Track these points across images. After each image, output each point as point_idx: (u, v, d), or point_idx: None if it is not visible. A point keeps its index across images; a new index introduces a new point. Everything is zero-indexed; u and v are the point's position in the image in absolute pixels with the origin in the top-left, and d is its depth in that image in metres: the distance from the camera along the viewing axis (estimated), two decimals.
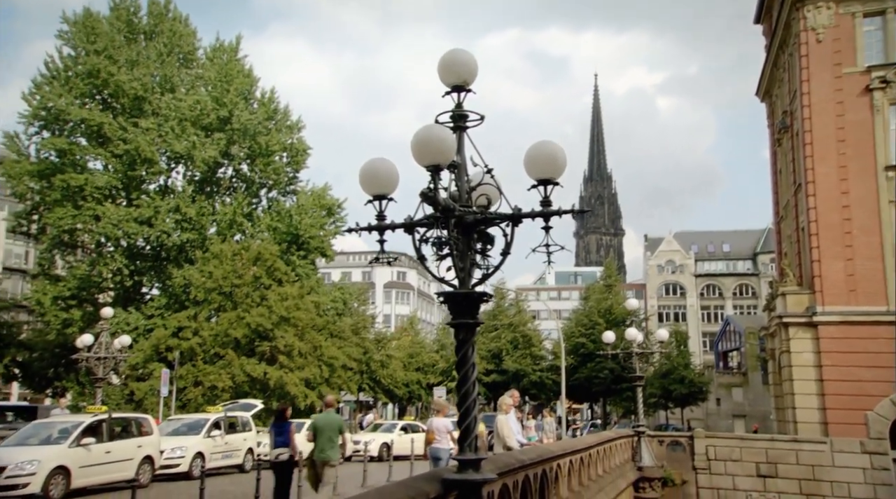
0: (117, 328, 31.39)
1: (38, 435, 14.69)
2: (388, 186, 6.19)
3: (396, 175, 6.18)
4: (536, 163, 5.91)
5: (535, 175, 5.93)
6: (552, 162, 5.88)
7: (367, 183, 6.18)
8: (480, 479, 5.57)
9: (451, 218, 5.81)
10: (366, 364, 47.00)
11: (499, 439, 11.31)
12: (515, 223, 6.05)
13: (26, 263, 62.33)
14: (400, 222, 6.34)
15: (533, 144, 5.99)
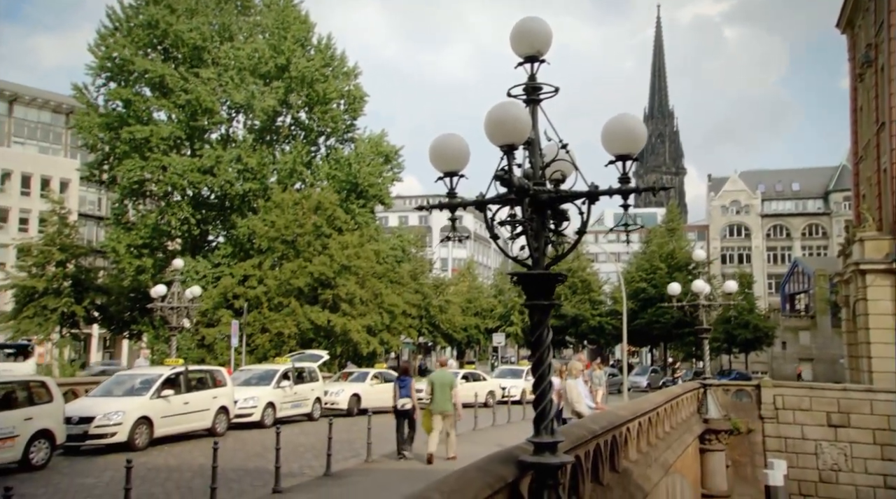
0: (187, 276, 32.62)
1: (122, 387, 15.49)
2: (459, 163, 5.99)
3: (467, 151, 5.97)
4: (614, 138, 5.60)
5: (613, 150, 5.62)
6: (631, 137, 5.56)
7: (437, 160, 5.99)
8: (557, 463, 5.51)
9: (526, 197, 5.60)
10: (425, 309, 47.65)
11: (567, 403, 11.31)
12: (592, 201, 5.79)
13: (99, 209, 64.99)
14: (471, 200, 6.17)
15: (611, 118, 5.67)
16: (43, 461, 12.16)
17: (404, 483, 10.16)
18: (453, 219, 6.38)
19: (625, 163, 5.68)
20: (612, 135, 5.69)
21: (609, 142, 5.72)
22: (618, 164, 5.69)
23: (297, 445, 14.19)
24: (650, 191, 6.11)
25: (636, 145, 5.66)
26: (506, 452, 6.03)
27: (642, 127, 5.72)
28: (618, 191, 5.68)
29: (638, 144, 5.67)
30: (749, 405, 23.53)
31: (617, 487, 8.67)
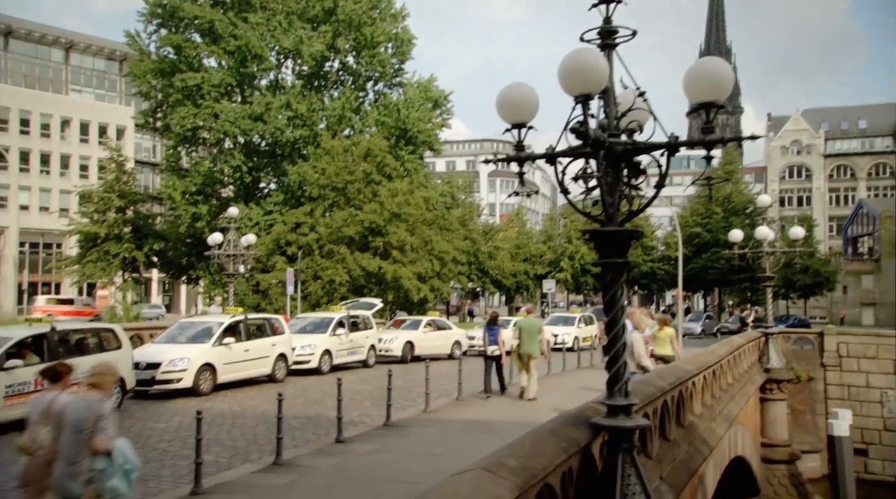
0: (240, 223, 33.21)
1: (184, 334, 15.94)
2: (528, 114, 5.68)
3: (536, 101, 5.65)
4: (698, 84, 5.19)
5: (695, 98, 5.22)
6: (716, 83, 5.14)
7: (505, 110, 5.69)
8: (632, 426, 5.35)
9: (601, 150, 5.28)
10: (473, 256, 47.63)
11: (632, 357, 11.17)
12: (671, 152, 5.43)
13: (154, 156, 66.35)
14: (541, 153, 5.87)
15: (695, 62, 5.27)
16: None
17: (465, 434, 10.22)
18: (522, 173, 6.11)
19: (709, 111, 5.29)
20: (695, 81, 5.28)
21: (692, 89, 5.31)
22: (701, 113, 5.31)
23: (354, 392, 14.43)
24: (736, 141, 5.71)
25: (722, 92, 5.26)
26: (576, 413, 5.89)
27: (729, 72, 5.29)
28: (700, 142, 5.31)
29: (724, 91, 5.27)
30: (810, 353, 22.95)
31: (683, 442, 8.52)
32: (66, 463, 4.90)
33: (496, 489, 3.99)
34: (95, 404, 5.01)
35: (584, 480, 5.30)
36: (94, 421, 4.92)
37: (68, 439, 4.93)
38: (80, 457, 4.88)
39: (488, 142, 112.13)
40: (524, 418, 11.56)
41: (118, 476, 4.92)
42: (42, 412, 5.21)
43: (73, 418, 4.95)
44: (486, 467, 4.24)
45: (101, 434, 4.92)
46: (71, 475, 4.85)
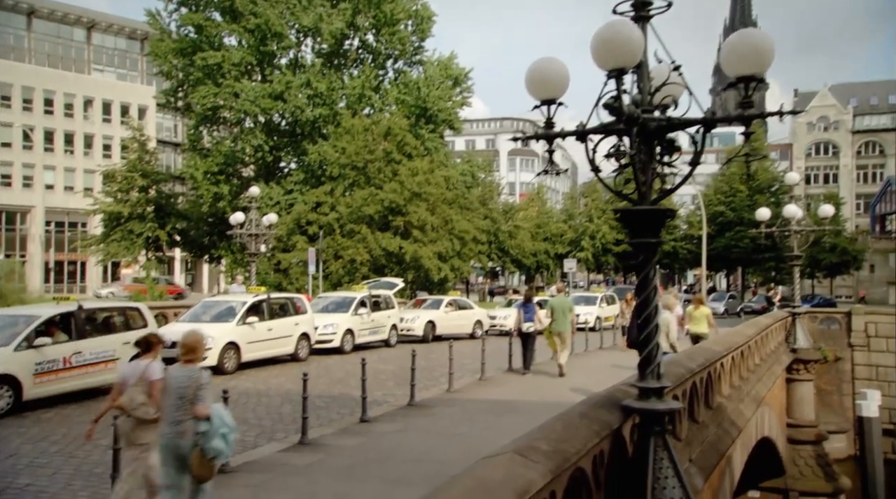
0: (261, 203, 33.33)
1: (208, 313, 16.05)
2: (558, 90, 5.52)
3: (567, 77, 5.48)
4: (738, 56, 4.98)
5: (734, 71, 5.02)
6: (758, 55, 4.94)
7: (534, 87, 5.53)
8: (665, 409, 5.24)
9: (635, 127, 5.11)
10: (493, 235, 47.47)
11: (667, 337, 11.15)
12: (708, 129, 5.25)
13: (176, 136, 66.70)
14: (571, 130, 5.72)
15: (735, 34, 5.06)
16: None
17: (489, 414, 10.18)
18: (551, 151, 5.97)
19: (748, 85, 5.09)
20: (734, 53, 5.08)
21: (732, 61, 5.12)
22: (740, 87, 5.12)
23: (377, 372, 14.44)
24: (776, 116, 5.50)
25: (764, 65, 5.05)
26: (606, 395, 5.80)
27: (771, 43, 5.08)
28: (738, 118, 5.11)
29: (765, 64, 5.06)
30: (838, 333, 22.61)
31: (711, 423, 8.41)
32: (171, 425, 5.49)
33: (529, 473, 3.91)
34: (195, 374, 5.59)
35: (615, 463, 5.22)
36: (194, 389, 5.50)
37: (172, 403, 5.51)
38: (183, 420, 5.46)
39: (508, 120, 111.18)
40: (547, 399, 11.51)
41: (218, 438, 5.45)
42: (138, 377, 5.84)
43: (176, 385, 5.53)
44: (518, 451, 4.17)
45: (201, 401, 5.49)
46: (177, 435, 5.46)
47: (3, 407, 10.33)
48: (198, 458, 5.38)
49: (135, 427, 5.78)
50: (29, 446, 8.71)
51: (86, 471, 7.61)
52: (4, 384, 10.37)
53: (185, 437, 5.44)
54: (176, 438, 5.46)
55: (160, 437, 5.56)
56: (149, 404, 5.79)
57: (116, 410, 5.95)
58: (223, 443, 5.46)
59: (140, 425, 5.77)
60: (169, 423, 5.51)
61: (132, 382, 5.87)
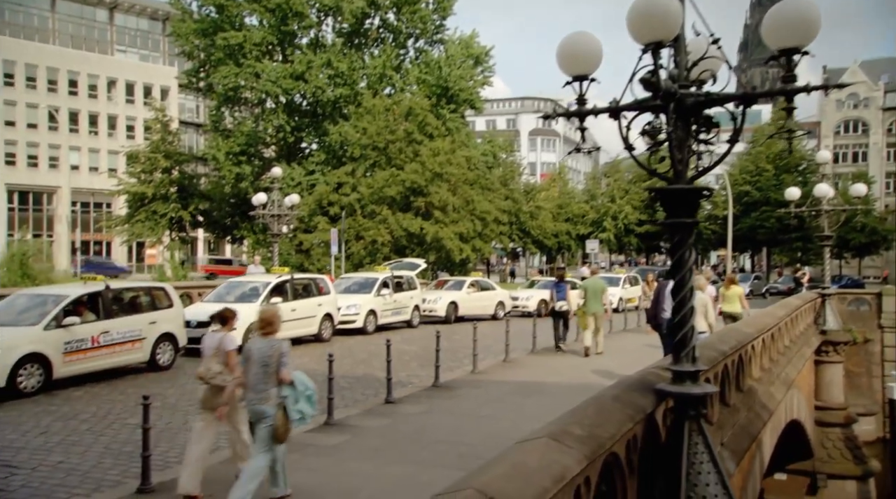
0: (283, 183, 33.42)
1: (232, 294, 16.12)
2: (591, 65, 5.35)
3: (600, 52, 5.32)
4: (781, 27, 4.76)
5: (777, 43, 4.81)
6: (805, 25, 4.72)
7: (566, 62, 5.36)
8: (700, 393, 5.12)
9: (672, 102, 4.94)
10: (514, 215, 47.22)
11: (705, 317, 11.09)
12: (748, 104, 5.06)
13: (198, 116, 66.98)
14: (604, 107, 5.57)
15: (778, 4, 4.83)
16: (168, 363, 12.92)
17: (514, 396, 10.12)
18: (583, 128, 5.82)
19: (790, 58, 4.88)
20: (777, 23, 4.86)
21: (775, 33, 4.90)
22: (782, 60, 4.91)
23: (400, 353, 14.41)
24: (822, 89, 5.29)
25: (808, 36, 4.83)
26: (639, 378, 5.69)
27: (816, 13, 4.85)
28: (781, 91, 4.91)
29: (810, 35, 4.84)
30: (867, 314, 22.22)
31: (743, 407, 8.27)
32: (255, 391, 5.86)
33: (563, 459, 3.83)
34: (277, 344, 5.96)
35: (648, 448, 5.12)
36: (277, 357, 5.87)
37: (256, 372, 5.87)
38: (267, 386, 5.84)
39: (529, 100, 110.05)
40: (572, 381, 11.42)
41: (302, 401, 5.90)
42: (214, 348, 6.27)
43: (259, 355, 5.89)
44: (552, 436, 4.08)
45: (284, 368, 5.86)
46: (261, 401, 5.82)
47: (35, 385, 10.47)
48: (281, 420, 5.77)
49: (214, 394, 6.18)
50: (60, 424, 8.82)
51: (115, 450, 7.69)
52: (35, 363, 10.50)
53: (269, 402, 5.80)
54: (260, 403, 5.82)
55: (246, 402, 5.95)
56: (225, 372, 6.17)
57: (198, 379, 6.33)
58: (308, 405, 5.93)
59: (217, 392, 6.15)
60: (253, 389, 5.87)
61: (209, 353, 6.29)
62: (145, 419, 6.22)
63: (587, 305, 14.52)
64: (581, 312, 14.83)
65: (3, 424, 8.87)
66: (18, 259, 26.59)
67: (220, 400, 6.13)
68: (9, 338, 10.47)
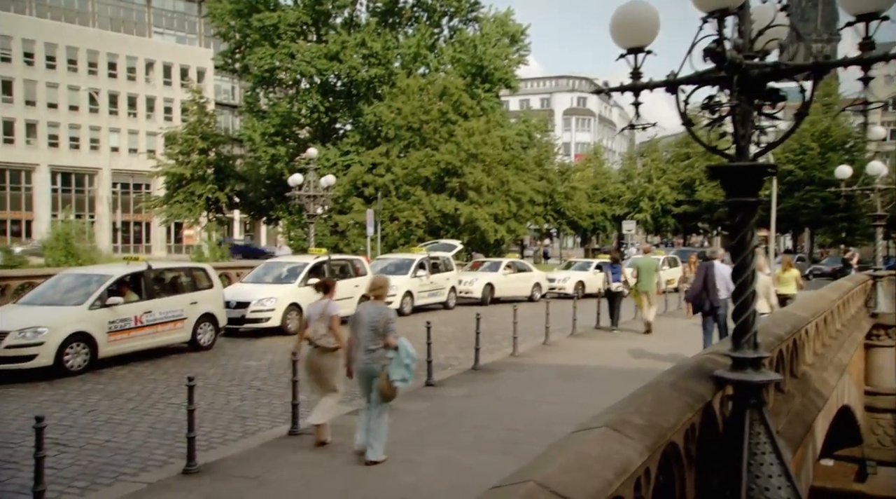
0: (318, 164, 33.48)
1: (270, 274, 16.20)
2: (647, 36, 5.08)
3: (657, 22, 5.03)
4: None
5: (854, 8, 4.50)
6: None
7: (620, 33, 5.10)
8: (763, 380, 4.88)
9: (736, 74, 4.65)
10: (549, 196, 46.70)
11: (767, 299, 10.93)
12: (818, 75, 4.75)
13: (233, 98, 67.48)
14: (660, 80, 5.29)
15: None
16: (209, 343, 13.02)
17: (556, 380, 9.95)
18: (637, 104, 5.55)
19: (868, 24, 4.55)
20: None
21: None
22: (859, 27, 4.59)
23: (438, 335, 14.28)
24: None
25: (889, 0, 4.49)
26: (695, 365, 5.47)
27: None
28: (857, 60, 4.58)
29: None
30: None
31: (797, 393, 7.97)
32: (365, 352, 6.40)
33: (625, 450, 3.65)
34: (384, 310, 6.49)
35: (706, 437, 4.92)
36: (385, 322, 6.38)
37: (365, 335, 6.40)
38: (376, 348, 6.36)
39: (564, 79, 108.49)
40: (613, 364, 11.21)
41: (402, 367, 6.30)
42: (320, 314, 6.89)
43: (369, 319, 6.41)
44: (611, 425, 3.90)
45: (391, 333, 6.35)
46: (370, 361, 6.36)
47: (81, 364, 10.63)
48: (385, 380, 6.24)
49: (320, 355, 6.85)
50: (106, 403, 8.92)
51: (160, 429, 7.73)
52: (81, 342, 10.65)
53: (378, 362, 6.32)
54: (370, 363, 6.36)
55: (358, 362, 6.48)
56: (329, 335, 6.78)
57: (304, 341, 6.97)
58: (407, 371, 6.34)
59: (321, 352, 6.84)
60: (363, 350, 6.40)
61: (315, 317, 6.91)
62: (190, 400, 6.21)
63: (640, 283, 14.85)
64: (634, 291, 15.19)
65: (51, 402, 9.02)
66: (63, 239, 27.14)
67: (323, 359, 6.81)
68: (55, 317, 10.63)
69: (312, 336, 6.85)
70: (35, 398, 9.20)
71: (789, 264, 14.57)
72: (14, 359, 10.10)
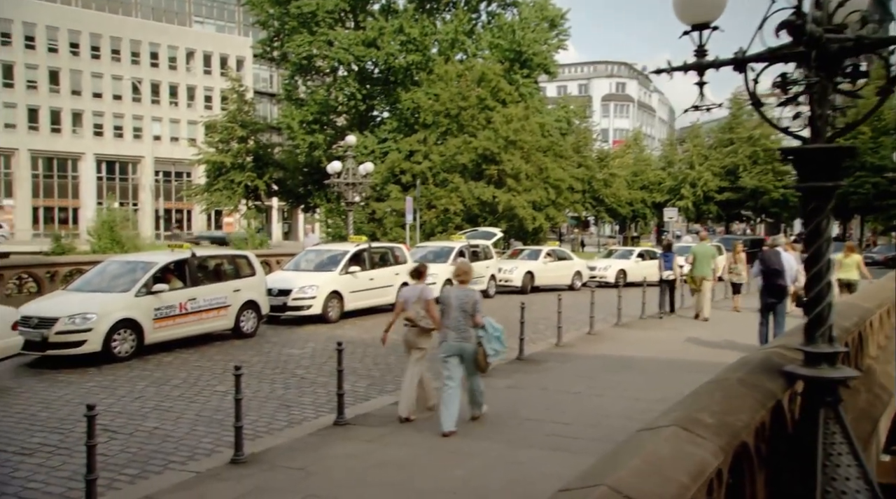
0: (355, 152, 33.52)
1: (311, 262, 16.20)
2: (713, 11, 4.81)
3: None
4: None
5: None
6: None
7: (684, 8, 4.83)
8: (839, 377, 4.60)
9: (815, 49, 4.35)
10: (587, 183, 46.05)
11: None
12: None
13: (271, 86, 68.03)
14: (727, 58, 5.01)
15: None
16: (252, 330, 13.07)
17: (605, 372, 9.71)
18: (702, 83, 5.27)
19: None
20: None
21: None
22: None
23: None
24: None
25: None
26: (763, 359, 5.20)
27: None
28: None
29: None
30: None
31: (862, 388, 7.61)
32: (457, 331, 6.95)
33: (699, 452, 3.44)
34: (472, 293, 7.07)
35: (776, 436, 4.66)
36: (472, 304, 6.95)
37: (456, 315, 6.95)
38: (467, 327, 6.95)
39: (602, 64, 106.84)
40: (661, 355, 10.92)
41: (495, 340, 7.14)
42: (416, 297, 7.35)
43: (458, 302, 6.96)
44: (681, 424, 3.68)
45: (478, 313, 6.97)
46: (463, 339, 6.96)
47: (128, 350, 10.74)
48: (482, 355, 7.00)
49: (417, 335, 7.35)
50: (153, 389, 8.98)
51: (207, 417, 7.73)
52: (128, 329, 10.75)
53: (468, 341, 6.96)
54: (461, 341, 6.96)
55: (450, 341, 6.99)
56: (427, 317, 7.26)
57: (405, 321, 7.47)
58: (499, 344, 7.16)
59: (421, 333, 7.33)
60: (455, 330, 6.95)
61: (413, 301, 7.37)
62: (237, 390, 6.15)
63: (696, 269, 15.02)
64: (689, 278, 15.43)
65: (100, 388, 9.11)
66: (108, 227, 27.69)
67: (420, 339, 7.32)
68: (103, 304, 10.75)
69: (415, 317, 7.32)
70: (84, 384, 9.31)
71: (851, 249, 14.45)
72: (64, 345, 10.25)
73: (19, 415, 7.88)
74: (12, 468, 6.21)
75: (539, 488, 5.42)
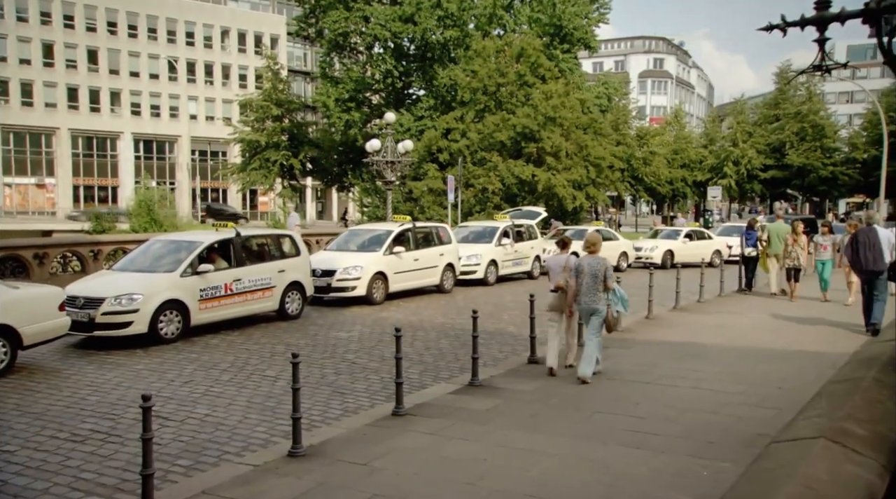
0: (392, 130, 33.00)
1: (354, 242, 15.83)
2: None
3: None
4: None
5: None
6: None
7: None
8: None
9: None
10: (627, 162, 44.91)
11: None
12: None
13: (306, 65, 67.71)
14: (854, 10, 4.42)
15: None
16: (297, 312, 12.77)
17: (672, 359, 9.16)
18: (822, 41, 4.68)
19: None
20: None
21: None
22: None
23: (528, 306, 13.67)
24: None
25: None
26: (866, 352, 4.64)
27: None
28: None
29: None
30: None
31: None
32: (589, 295, 8.08)
33: (862, 473, 2.91)
34: (603, 261, 8.11)
35: None
36: (603, 271, 8.02)
37: (588, 281, 8.05)
38: (597, 291, 8.02)
39: (639, 39, 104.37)
40: (725, 343, 10.32)
41: (620, 304, 8.24)
42: (562, 266, 8.37)
43: (591, 269, 8.02)
44: (830, 437, 3.16)
45: (609, 279, 8.03)
46: (594, 302, 8.06)
47: (174, 332, 10.51)
48: (611, 316, 8.14)
49: (559, 300, 8.44)
50: (202, 373, 8.71)
51: (258, 404, 7.42)
52: (174, 309, 10.51)
53: (599, 303, 8.03)
54: (591, 304, 8.07)
55: (582, 304, 8.15)
56: (572, 283, 8.20)
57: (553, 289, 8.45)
58: (624, 307, 8.28)
59: (564, 298, 8.37)
60: (587, 294, 8.07)
61: (558, 269, 8.41)
62: (295, 379, 5.78)
63: (770, 247, 15.47)
64: (764, 255, 15.76)
65: (148, 371, 8.88)
66: (146, 206, 27.71)
67: (566, 304, 8.38)
68: (149, 284, 10.52)
69: (564, 285, 8.26)
70: (132, 367, 9.08)
71: None
72: (110, 326, 10.04)
73: (69, 398, 7.66)
74: (64, 457, 5.95)
75: (627, 493, 4.95)
